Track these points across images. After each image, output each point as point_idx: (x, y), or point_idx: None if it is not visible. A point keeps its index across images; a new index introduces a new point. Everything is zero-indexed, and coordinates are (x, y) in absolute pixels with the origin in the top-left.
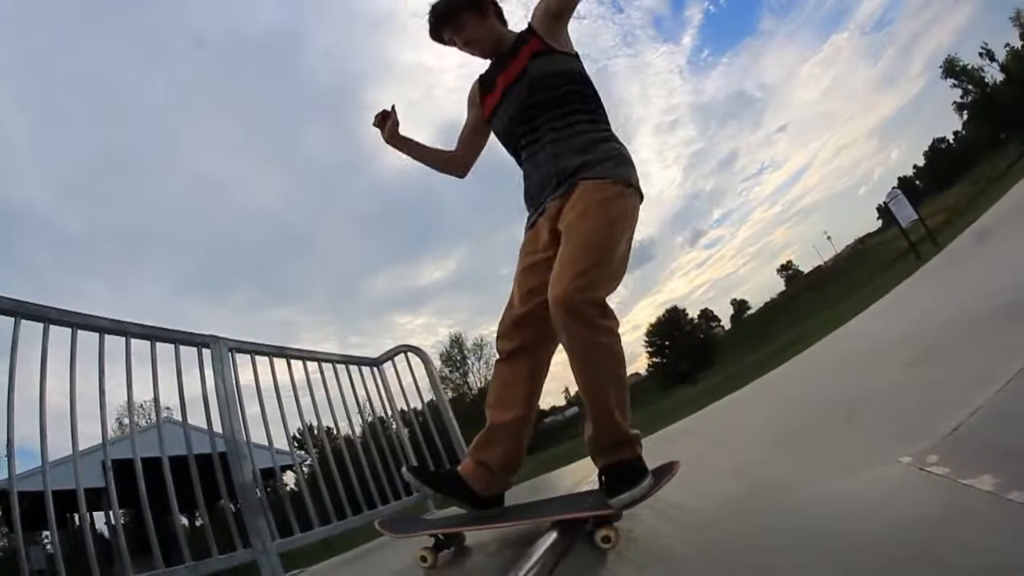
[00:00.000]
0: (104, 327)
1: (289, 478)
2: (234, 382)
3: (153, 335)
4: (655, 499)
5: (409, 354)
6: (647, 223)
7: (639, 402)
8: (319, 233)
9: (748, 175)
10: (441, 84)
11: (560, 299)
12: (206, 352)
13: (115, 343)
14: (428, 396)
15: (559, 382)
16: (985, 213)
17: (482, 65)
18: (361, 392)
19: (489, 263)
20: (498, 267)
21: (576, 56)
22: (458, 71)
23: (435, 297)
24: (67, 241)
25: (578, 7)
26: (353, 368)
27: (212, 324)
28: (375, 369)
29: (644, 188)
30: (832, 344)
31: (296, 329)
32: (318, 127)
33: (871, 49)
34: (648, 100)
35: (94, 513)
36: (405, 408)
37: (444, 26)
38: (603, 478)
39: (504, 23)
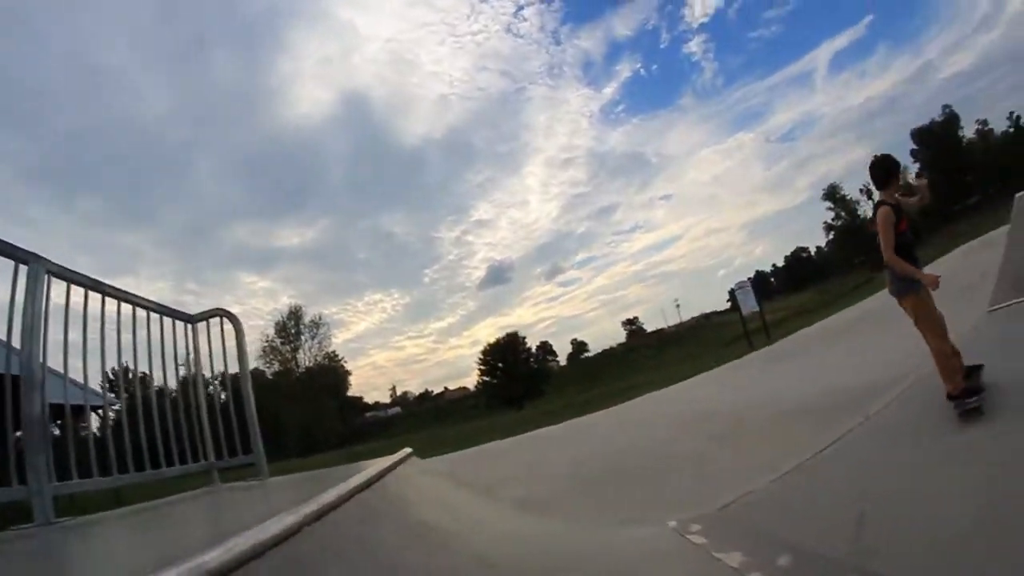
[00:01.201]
0: None
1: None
2: (44, 307)
3: None
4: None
5: (224, 319)
6: (511, 247)
7: (464, 416)
8: (192, 162)
9: (621, 230)
10: (362, 51)
11: None
12: (23, 268)
13: None
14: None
15: (387, 379)
16: (819, 322)
17: None
18: (169, 347)
19: (348, 244)
20: (356, 251)
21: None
22: (384, 45)
23: (287, 263)
24: None
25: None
26: (167, 321)
27: (49, 228)
28: (189, 326)
29: (522, 215)
30: (650, 403)
31: (136, 260)
32: (229, 51)
33: (769, 155)
34: (551, 133)
35: None
36: (209, 373)
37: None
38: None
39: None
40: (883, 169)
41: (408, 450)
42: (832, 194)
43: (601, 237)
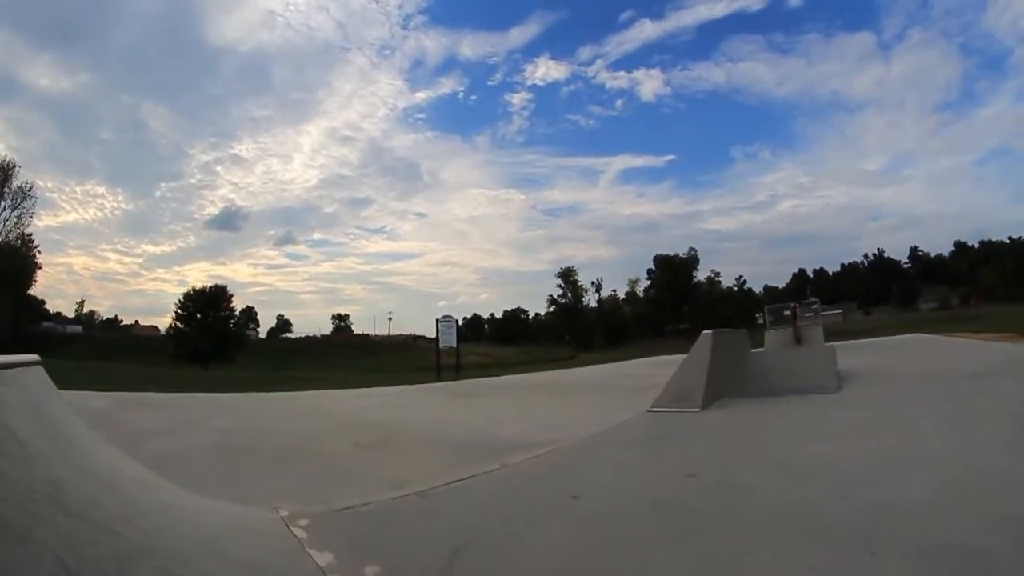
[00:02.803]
0: None
1: None
2: None
3: None
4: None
5: None
6: (255, 196)
7: (149, 359)
8: None
9: (366, 226)
10: None
11: None
12: None
13: None
14: None
15: (78, 290)
16: (509, 376)
17: None
18: None
19: (98, 115)
20: (102, 127)
21: None
22: None
23: (23, 103)
24: None
25: None
26: None
27: None
28: None
29: (280, 169)
30: (321, 398)
31: None
32: None
33: (530, 220)
34: (347, 106)
35: None
36: None
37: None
38: None
39: None
40: None
41: (34, 356)
42: (567, 275)
43: (344, 226)
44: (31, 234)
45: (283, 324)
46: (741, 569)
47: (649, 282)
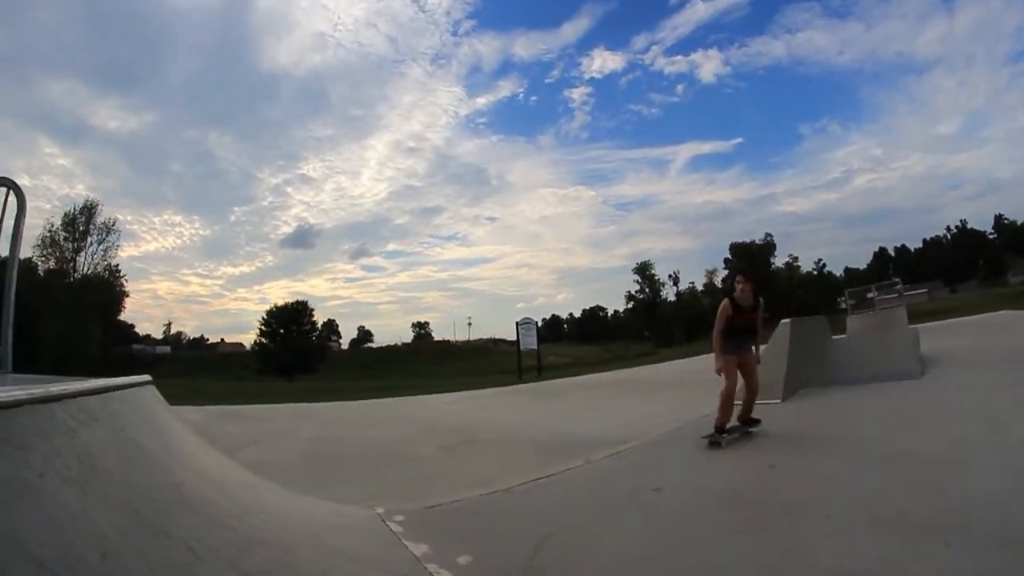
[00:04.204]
0: None
1: None
2: None
3: None
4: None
5: (10, 192)
6: (327, 213)
7: (235, 374)
8: None
9: (439, 235)
10: None
11: None
12: None
13: None
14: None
15: (164, 312)
16: (590, 375)
17: None
18: None
19: (167, 150)
20: (172, 161)
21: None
22: None
23: (95, 145)
24: None
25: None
26: None
27: None
28: None
29: (350, 185)
30: (406, 405)
31: None
32: None
33: (602, 216)
34: (408, 117)
35: None
36: None
37: (745, 279)
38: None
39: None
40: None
41: (147, 377)
42: (643, 270)
43: (417, 235)
44: (117, 265)
45: (364, 335)
46: (810, 558)
47: (727, 272)
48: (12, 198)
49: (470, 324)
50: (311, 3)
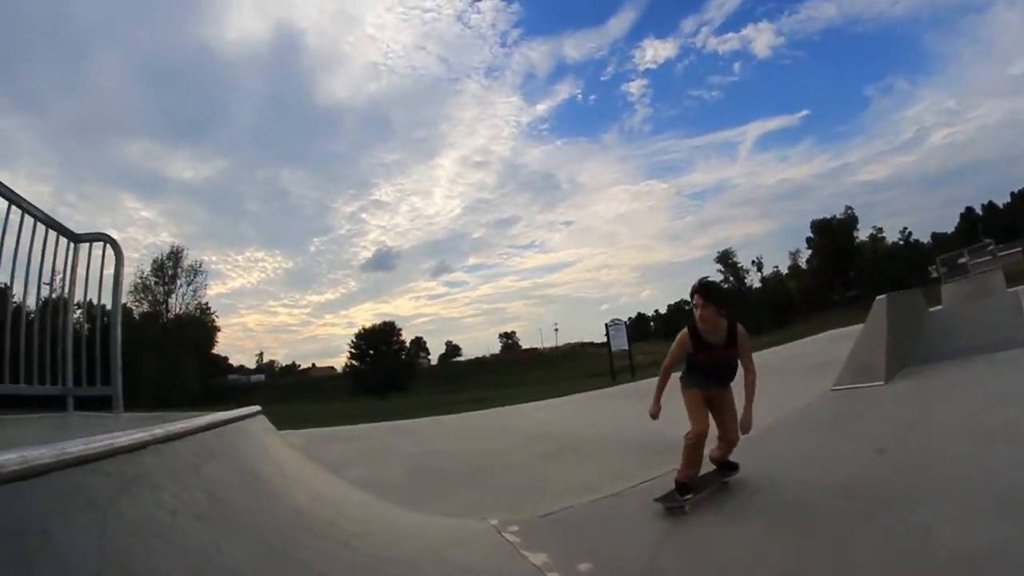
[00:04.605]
0: None
1: None
2: None
3: None
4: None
5: (108, 245)
6: (404, 235)
7: (327, 397)
8: (95, 51)
9: (516, 244)
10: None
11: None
12: None
13: None
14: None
15: (255, 343)
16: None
17: None
18: (48, 262)
19: (242, 192)
20: (248, 201)
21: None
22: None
23: (174, 196)
24: None
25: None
26: (51, 235)
27: None
28: (71, 244)
29: (423, 205)
30: (506, 414)
31: (18, 152)
32: None
33: (677, 208)
34: (471, 132)
35: None
36: (83, 298)
37: (704, 297)
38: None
39: (720, 313)
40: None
41: (256, 408)
42: (725, 258)
43: (495, 247)
44: (207, 303)
45: (452, 349)
46: (936, 544)
47: (810, 251)
48: (110, 251)
49: (556, 330)
50: (358, 36)
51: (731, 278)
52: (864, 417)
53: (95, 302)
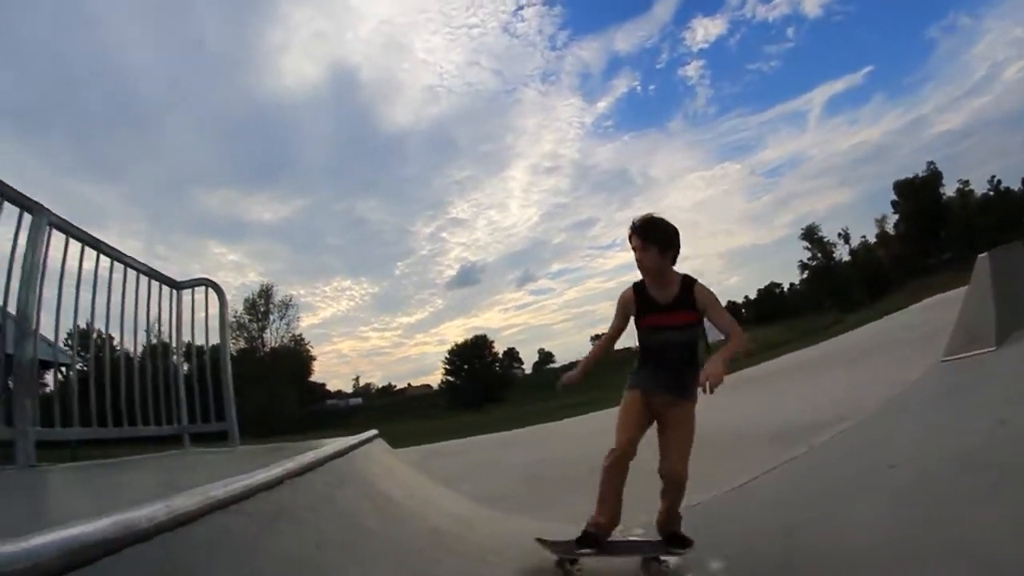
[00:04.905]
0: None
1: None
2: (43, 257)
3: None
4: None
5: (209, 289)
6: (485, 249)
7: (425, 414)
8: (166, 117)
9: (597, 245)
10: (355, 30)
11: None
12: (26, 217)
13: None
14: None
15: (350, 368)
16: (783, 356)
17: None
18: (153, 311)
19: (321, 226)
20: (328, 234)
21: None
22: (378, 26)
23: (257, 238)
24: None
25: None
26: (154, 283)
27: (13, 167)
28: (174, 292)
29: (500, 217)
30: (607, 417)
31: (105, 216)
32: (217, 11)
33: (753, 188)
34: (538, 139)
35: None
36: (189, 340)
37: (639, 236)
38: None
39: (673, 263)
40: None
41: (374, 431)
42: (810, 234)
43: (577, 250)
44: (300, 334)
45: (545, 356)
46: None
47: (896, 216)
48: (212, 295)
49: None
50: (411, 63)
51: (818, 254)
52: (979, 386)
53: (203, 343)
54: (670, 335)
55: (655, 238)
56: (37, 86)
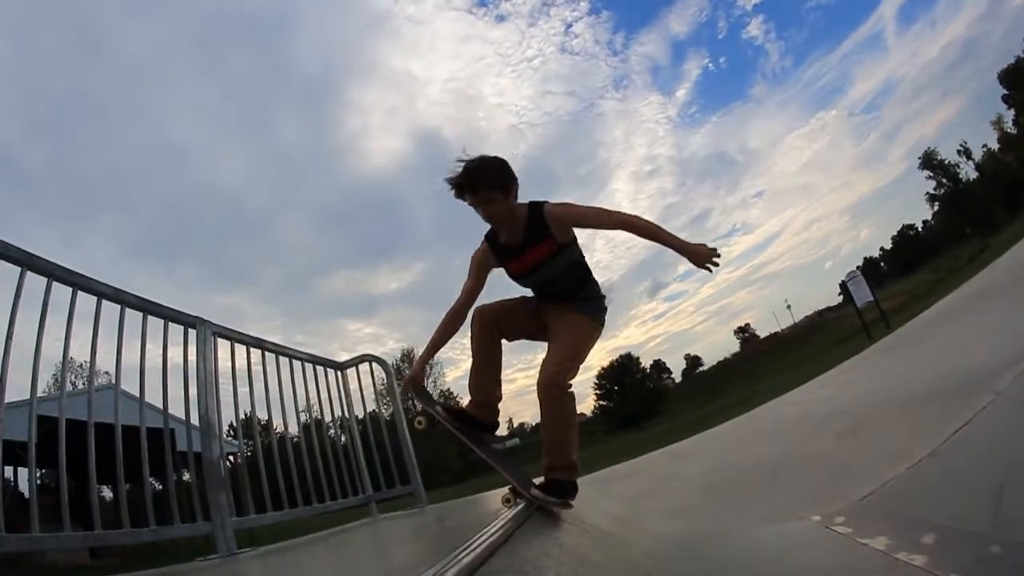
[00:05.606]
0: (104, 292)
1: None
2: (214, 364)
3: (147, 308)
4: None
5: (373, 364)
6: (610, 268)
7: (585, 441)
8: (277, 222)
9: (719, 235)
10: (424, 95)
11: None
12: (191, 332)
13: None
14: (376, 407)
15: (502, 413)
16: (938, 303)
17: None
18: (324, 394)
19: (445, 283)
20: (454, 289)
21: (575, 240)
22: (443, 85)
23: (387, 308)
24: (26, 178)
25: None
26: (319, 369)
27: (154, 296)
28: (339, 373)
29: (615, 233)
30: (774, 408)
31: (242, 317)
32: (293, 113)
33: (856, 130)
34: (630, 146)
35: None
36: (360, 415)
37: (470, 194)
38: (546, 479)
39: (516, 196)
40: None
41: None
42: (929, 161)
43: None
44: (448, 389)
45: (693, 361)
46: None
47: (1012, 112)
48: (377, 369)
49: (789, 307)
50: (486, 110)
51: (943, 180)
52: None
53: (377, 415)
54: (540, 275)
55: (491, 183)
56: (155, 223)
